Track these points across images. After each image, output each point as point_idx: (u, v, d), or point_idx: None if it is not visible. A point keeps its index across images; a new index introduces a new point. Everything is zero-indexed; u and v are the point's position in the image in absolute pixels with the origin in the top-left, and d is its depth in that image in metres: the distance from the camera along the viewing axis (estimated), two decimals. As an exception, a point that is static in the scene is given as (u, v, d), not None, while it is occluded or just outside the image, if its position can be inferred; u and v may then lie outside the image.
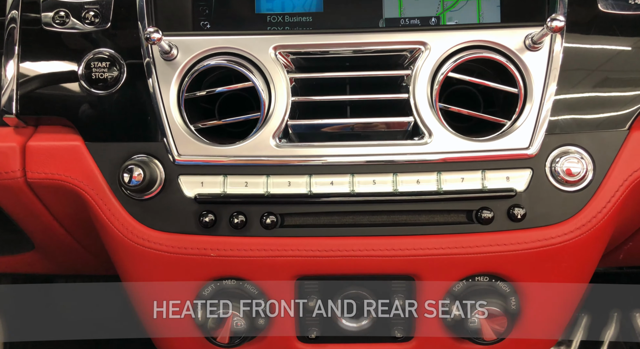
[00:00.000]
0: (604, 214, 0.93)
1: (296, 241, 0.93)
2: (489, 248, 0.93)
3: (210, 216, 0.93)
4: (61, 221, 1.10)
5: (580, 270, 1.00)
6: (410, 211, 0.95)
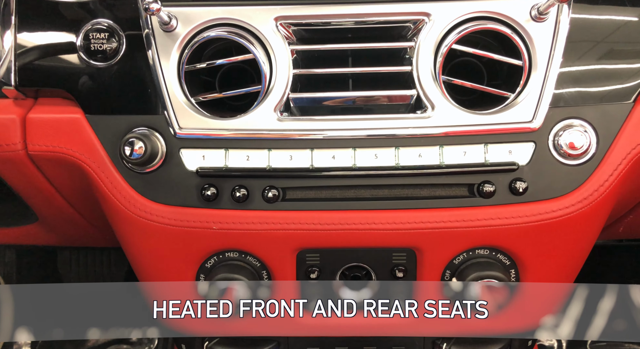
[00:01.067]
0: (605, 188, 0.93)
1: (298, 215, 0.94)
2: (490, 222, 0.94)
3: (212, 190, 0.93)
4: (63, 194, 1.11)
5: (580, 243, 1.01)
6: (412, 185, 0.95)
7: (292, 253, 0.98)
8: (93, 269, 2.07)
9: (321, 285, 1.02)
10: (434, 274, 1.00)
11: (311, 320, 1.05)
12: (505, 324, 1.10)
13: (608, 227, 1.16)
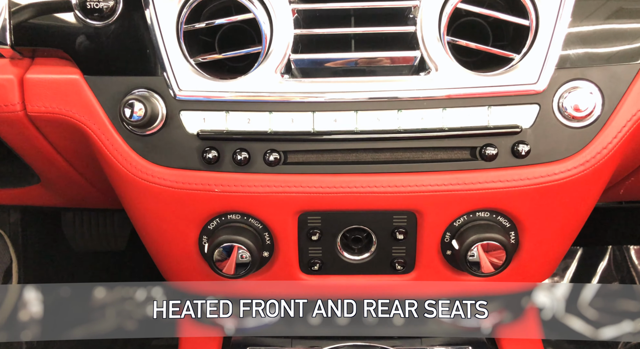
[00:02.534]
0: (609, 150, 0.93)
1: (299, 178, 0.94)
2: (492, 185, 0.94)
3: (213, 153, 0.93)
4: (64, 155, 1.11)
5: (581, 205, 1.01)
6: (414, 149, 0.95)
7: (293, 216, 0.98)
8: (97, 230, 2.09)
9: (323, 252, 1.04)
10: (434, 236, 1.01)
11: (313, 281, 1.07)
12: (502, 286, 1.12)
13: (609, 189, 1.17)
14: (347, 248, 1.05)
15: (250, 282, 1.07)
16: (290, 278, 1.06)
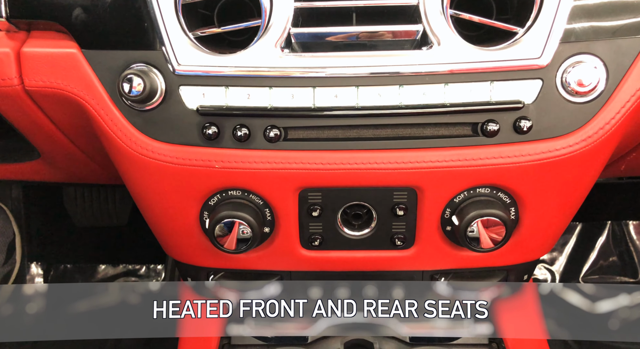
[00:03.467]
0: (611, 126, 0.92)
1: (300, 155, 0.94)
2: (493, 161, 0.94)
3: (213, 129, 0.92)
4: (64, 130, 1.10)
5: (582, 181, 1.01)
6: (415, 125, 0.94)
7: (294, 192, 0.99)
8: (98, 205, 2.10)
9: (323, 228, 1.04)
10: (434, 212, 1.01)
11: (313, 255, 1.08)
12: (502, 260, 1.13)
13: (610, 165, 1.16)
14: (347, 224, 1.06)
15: (251, 256, 1.08)
16: (291, 253, 1.07)
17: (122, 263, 2.34)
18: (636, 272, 2.24)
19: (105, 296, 2.31)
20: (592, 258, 2.29)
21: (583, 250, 2.30)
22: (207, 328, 1.25)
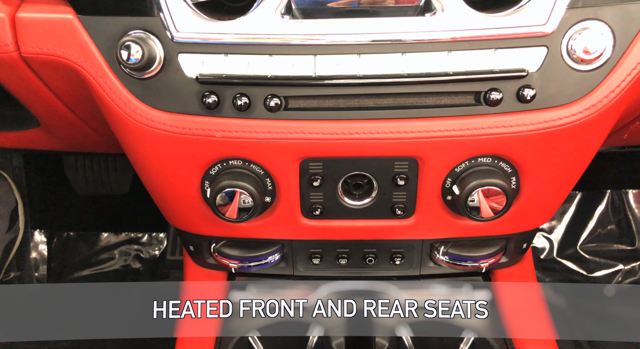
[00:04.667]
0: (616, 94, 0.91)
1: (300, 124, 0.93)
2: (495, 130, 0.93)
3: (213, 98, 0.91)
4: (62, 98, 1.09)
5: (584, 150, 1.01)
6: (417, 94, 0.93)
7: (295, 162, 0.98)
8: (99, 174, 2.10)
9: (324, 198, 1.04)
10: (435, 182, 1.01)
11: (314, 224, 1.09)
12: (501, 229, 1.14)
13: (612, 134, 1.15)
14: (348, 193, 1.06)
15: (253, 225, 1.09)
16: (292, 222, 1.08)
17: (124, 232, 2.36)
18: (633, 240, 2.26)
19: (109, 265, 2.34)
20: (590, 226, 2.30)
21: (582, 218, 2.32)
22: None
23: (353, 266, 1.22)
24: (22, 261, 2.25)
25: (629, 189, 2.31)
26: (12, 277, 2.21)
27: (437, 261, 1.22)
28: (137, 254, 2.35)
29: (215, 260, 1.24)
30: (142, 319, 1.51)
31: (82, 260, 2.32)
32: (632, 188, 2.29)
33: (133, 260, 2.33)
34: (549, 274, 2.20)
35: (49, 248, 2.29)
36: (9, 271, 2.22)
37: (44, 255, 2.28)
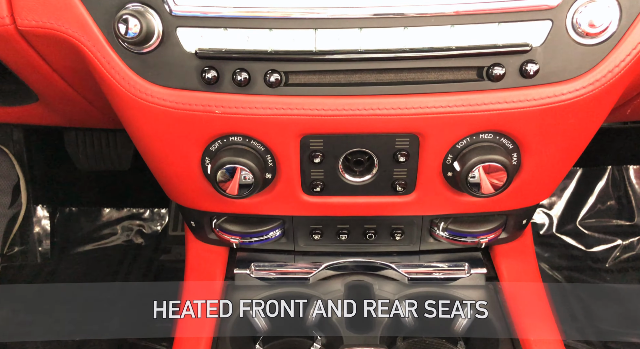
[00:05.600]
0: (621, 68, 0.90)
1: (301, 100, 0.92)
2: (497, 106, 0.92)
3: (212, 73, 0.90)
4: (61, 73, 1.08)
5: (586, 126, 1.00)
6: (419, 69, 0.91)
7: (295, 138, 0.98)
8: (100, 150, 2.10)
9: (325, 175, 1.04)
10: (436, 158, 1.01)
11: (315, 200, 1.09)
12: (502, 205, 1.14)
13: (616, 109, 1.15)
14: (348, 170, 1.06)
15: (254, 201, 1.10)
16: (293, 199, 1.08)
17: (126, 207, 2.37)
18: (633, 215, 2.27)
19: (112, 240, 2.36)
20: (590, 202, 2.31)
21: (582, 194, 2.32)
22: (212, 269, 1.28)
23: (353, 242, 1.23)
24: (25, 235, 2.27)
25: (630, 165, 2.30)
26: (16, 251, 2.23)
27: (437, 237, 1.23)
28: (139, 229, 2.36)
29: (216, 235, 1.25)
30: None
31: (84, 235, 2.34)
32: (633, 164, 2.28)
33: (135, 235, 2.35)
34: (547, 249, 2.22)
35: (52, 223, 2.31)
36: (13, 246, 2.24)
37: (47, 229, 2.30)
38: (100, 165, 2.14)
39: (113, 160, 2.13)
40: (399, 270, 1.25)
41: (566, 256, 2.19)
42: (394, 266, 1.26)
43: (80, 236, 2.33)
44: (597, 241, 2.23)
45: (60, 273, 2.21)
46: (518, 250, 1.31)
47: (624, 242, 2.21)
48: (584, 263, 2.17)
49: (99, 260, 2.26)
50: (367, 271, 1.28)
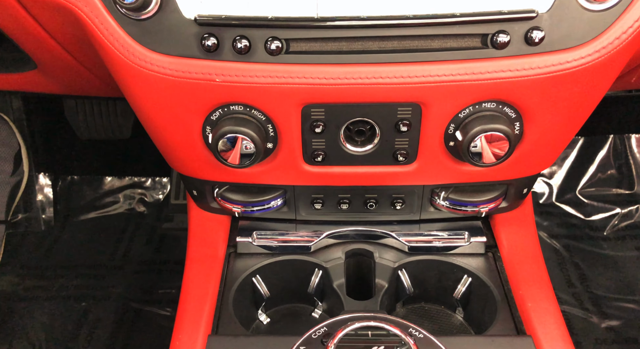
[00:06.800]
0: (629, 35, 0.88)
1: (302, 69, 0.91)
2: (501, 74, 0.91)
3: (212, 40, 0.89)
4: (59, 40, 1.07)
5: (591, 95, 0.99)
6: (423, 36, 0.90)
7: (297, 108, 0.97)
8: (100, 119, 2.09)
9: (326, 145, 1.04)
10: (438, 128, 1.00)
11: (316, 170, 1.09)
12: (503, 174, 1.14)
13: (620, 77, 1.13)
14: (350, 140, 1.05)
15: (255, 170, 1.10)
16: (294, 168, 1.08)
17: (127, 176, 2.38)
18: (633, 184, 2.27)
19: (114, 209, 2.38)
20: (590, 171, 2.31)
21: (583, 163, 2.32)
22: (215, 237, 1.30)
23: (354, 211, 1.24)
24: (29, 203, 2.29)
25: (632, 134, 2.29)
26: (20, 218, 2.25)
27: (437, 206, 1.24)
28: (141, 198, 2.38)
29: (218, 204, 1.26)
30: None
31: (87, 203, 2.36)
32: (635, 132, 2.27)
33: (137, 204, 2.37)
34: (547, 218, 2.24)
35: (54, 191, 2.32)
36: (17, 213, 2.26)
37: (50, 197, 2.31)
38: (101, 133, 2.14)
39: (113, 128, 2.13)
40: (399, 238, 1.26)
41: (565, 225, 2.21)
42: (394, 235, 1.27)
43: (83, 204, 2.35)
44: (596, 209, 2.25)
45: (64, 241, 2.24)
46: (518, 219, 1.31)
47: (622, 210, 2.23)
48: (582, 231, 2.19)
49: (102, 228, 2.28)
50: (367, 240, 1.29)
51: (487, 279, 1.20)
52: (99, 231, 2.27)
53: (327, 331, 0.96)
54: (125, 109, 2.09)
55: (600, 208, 2.26)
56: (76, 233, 2.27)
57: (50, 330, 1.88)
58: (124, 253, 2.16)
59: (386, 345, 0.88)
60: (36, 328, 1.89)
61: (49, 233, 2.26)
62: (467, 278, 1.23)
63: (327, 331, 0.96)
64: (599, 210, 2.25)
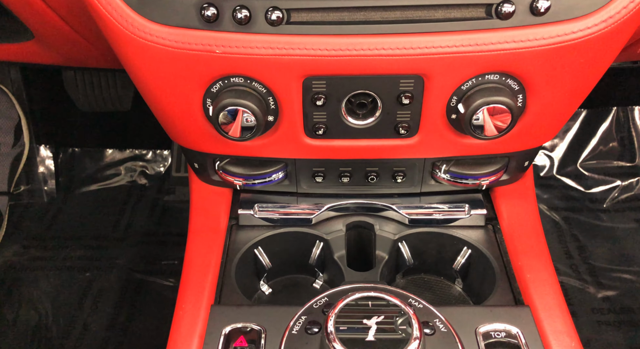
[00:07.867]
0: (636, 4, 0.86)
1: (303, 40, 0.89)
2: (505, 45, 0.90)
3: (212, 10, 0.87)
4: (56, 10, 1.05)
5: (596, 66, 0.97)
6: (426, 6, 0.88)
7: (298, 80, 0.96)
8: (100, 91, 2.07)
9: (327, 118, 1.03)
10: (440, 101, 0.99)
11: (317, 143, 1.09)
12: (505, 147, 1.14)
13: (626, 48, 1.11)
14: (351, 113, 1.05)
15: (256, 143, 1.09)
16: (295, 141, 1.08)
17: (128, 148, 2.38)
18: (634, 156, 2.27)
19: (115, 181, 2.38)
20: (592, 143, 2.30)
21: (585, 136, 2.31)
22: (216, 209, 1.30)
23: (355, 184, 1.24)
24: (31, 175, 2.29)
25: (635, 106, 2.27)
26: (22, 190, 2.27)
27: (438, 179, 1.24)
28: (142, 170, 2.38)
29: (220, 177, 1.26)
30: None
31: (88, 176, 2.37)
32: (639, 104, 2.26)
33: (139, 176, 2.37)
34: (547, 191, 2.24)
35: (56, 163, 2.33)
36: (19, 185, 2.27)
37: (51, 169, 2.32)
38: (101, 105, 2.12)
39: (113, 100, 2.11)
40: (400, 211, 1.27)
41: (565, 197, 2.22)
42: (395, 208, 1.27)
43: (85, 176, 2.36)
44: (597, 182, 2.25)
45: (67, 212, 2.25)
46: (518, 192, 1.32)
47: (623, 183, 2.23)
48: (582, 203, 2.20)
49: (104, 200, 2.30)
50: (368, 213, 1.30)
51: (486, 251, 1.21)
52: (101, 204, 2.29)
53: (328, 301, 0.98)
54: (125, 81, 2.07)
55: (601, 181, 2.26)
56: (78, 205, 2.28)
57: (55, 299, 1.92)
58: (127, 225, 2.18)
59: (386, 315, 0.90)
60: (42, 297, 1.92)
61: (51, 204, 2.27)
62: (467, 250, 1.24)
63: (328, 301, 0.98)
64: (599, 182, 2.26)
